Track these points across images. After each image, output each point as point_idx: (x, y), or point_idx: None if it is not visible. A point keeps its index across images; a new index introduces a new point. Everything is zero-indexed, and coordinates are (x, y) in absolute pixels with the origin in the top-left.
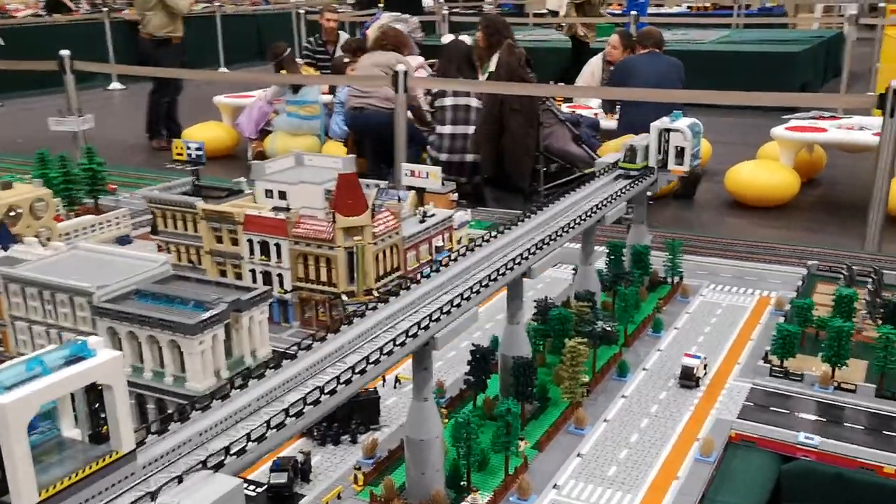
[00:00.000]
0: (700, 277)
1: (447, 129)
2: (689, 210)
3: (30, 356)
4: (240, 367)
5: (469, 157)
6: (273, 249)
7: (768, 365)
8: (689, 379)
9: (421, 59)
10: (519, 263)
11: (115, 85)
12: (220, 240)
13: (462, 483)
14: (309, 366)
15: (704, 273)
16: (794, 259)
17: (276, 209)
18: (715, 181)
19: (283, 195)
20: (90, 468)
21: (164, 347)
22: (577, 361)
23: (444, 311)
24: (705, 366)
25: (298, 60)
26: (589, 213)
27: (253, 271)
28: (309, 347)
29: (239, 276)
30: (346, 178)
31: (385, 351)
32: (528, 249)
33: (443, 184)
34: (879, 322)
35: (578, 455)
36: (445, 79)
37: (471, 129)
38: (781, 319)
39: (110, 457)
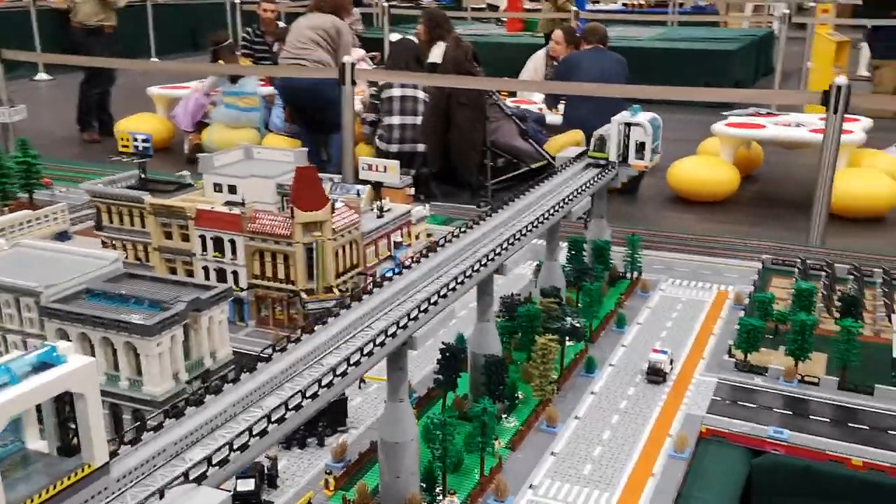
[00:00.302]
0: (657, 272)
1: (396, 120)
2: (632, 205)
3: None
4: (199, 369)
5: (420, 147)
6: (227, 246)
7: (733, 359)
8: (656, 374)
9: (362, 52)
10: (492, 259)
11: (42, 76)
12: (169, 236)
13: (437, 485)
14: (285, 368)
15: (661, 268)
16: (744, 253)
17: (229, 204)
18: (657, 176)
19: (233, 189)
20: (61, 483)
21: (119, 350)
22: (548, 359)
23: (422, 309)
24: (671, 361)
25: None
26: (557, 208)
27: (206, 268)
28: (284, 349)
29: (190, 274)
30: (304, 171)
31: (365, 352)
32: (501, 245)
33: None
34: (837, 315)
35: (552, 454)
36: (393, 71)
37: (419, 120)
38: (741, 314)
39: (82, 470)
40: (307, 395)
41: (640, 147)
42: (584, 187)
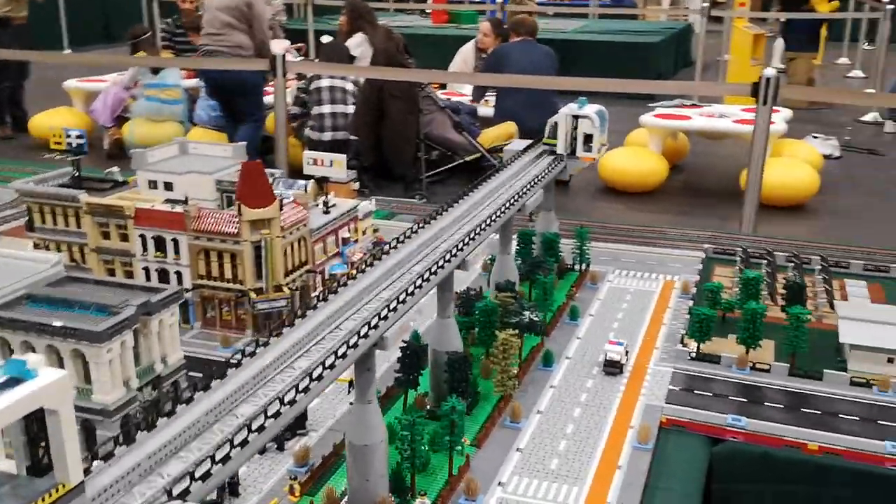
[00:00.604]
0: (604, 263)
1: (327, 109)
2: (564, 196)
3: None
4: (150, 375)
5: (352, 136)
6: (170, 245)
7: (687, 349)
8: (613, 366)
9: (287, 44)
10: (455, 255)
11: None
12: (107, 236)
13: (406, 487)
14: (256, 374)
15: (607, 259)
16: (682, 243)
17: (169, 202)
18: (587, 168)
19: (169, 186)
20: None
21: (66, 358)
22: (509, 354)
23: (392, 308)
24: (626, 352)
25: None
26: (513, 201)
27: (146, 269)
28: (253, 354)
29: (129, 275)
30: (250, 167)
31: (339, 354)
32: (463, 240)
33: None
34: (781, 303)
35: (518, 450)
36: (323, 63)
37: (350, 109)
38: (690, 303)
39: (57, 491)
40: (285, 401)
41: (588, 139)
42: (537, 179)
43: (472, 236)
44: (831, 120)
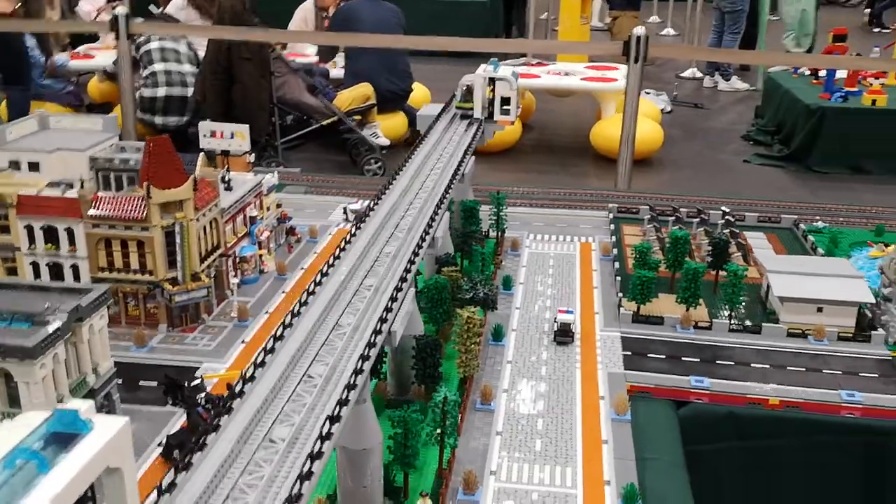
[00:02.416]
0: (516, 229)
1: (159, 66)
2: None
3: (7, 431)
4: (83, 389)
5: (189, 92)
6: (63, 235)
7: (630, 312)
8: (565, 335)
9: (103, 1)
10: (428, 233)
11: None
12: None
13: (398, 488)
14: (271, 387)
15: (517, 224)
16: (567, 203)
17: (53, 185)
18: None
19: (34, 166)
20: None
21: None
22: (473, 332)
23: (394, 298)
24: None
25: None
26: (460, 172)
27: (35, 264)
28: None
29: (13, 272)
30: (158, 143)
31: (364, 356)
32: (432, 218)
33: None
34: (699, 259)
35: (497, 433)
36: (169, 23)
37: (185, 67)
38: (615, 265)
39: None
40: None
41: (505, 102)
42: (469, 148)
43: (436, 212)
44: (656, 76)
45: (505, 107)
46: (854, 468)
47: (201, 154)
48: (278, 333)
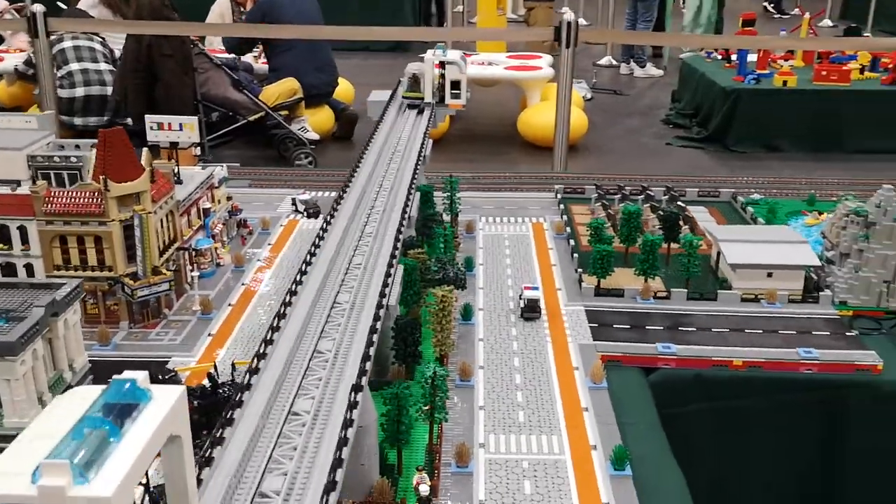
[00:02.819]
0: (466, 213)
1: (74, 66)
2: (351, 151)
3: (57, 416)
4: (61, 386)
5: (109, 90)
6: (15, 234)
7: (591, 286)
8: (532, 311)
9: (5, 3)
10: (406, 212)
11: None
12: None
13: (391, 465)
14: (284, 362)
15: (467, 207)
16: (512, 186)
17: (3, 183)
18: (367, 120)
19: None
20: None
21: None
22: (448, 311)
23: (389, 275)
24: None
25: None
26: (422, 154)
27: None
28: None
29: None
30: (112, 135)
31: (373, 329)
32: (407, 202)
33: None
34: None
35: (480, 408)
36: (87, 19)
37: (101, 66)
38: (569, 243)
39: None
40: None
41: (455, 86)
42: (425, 134)
43: (409, 197)
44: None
45: (455, 90)
46: (815, 422)
47: (145, 149)
48: (281, 311)
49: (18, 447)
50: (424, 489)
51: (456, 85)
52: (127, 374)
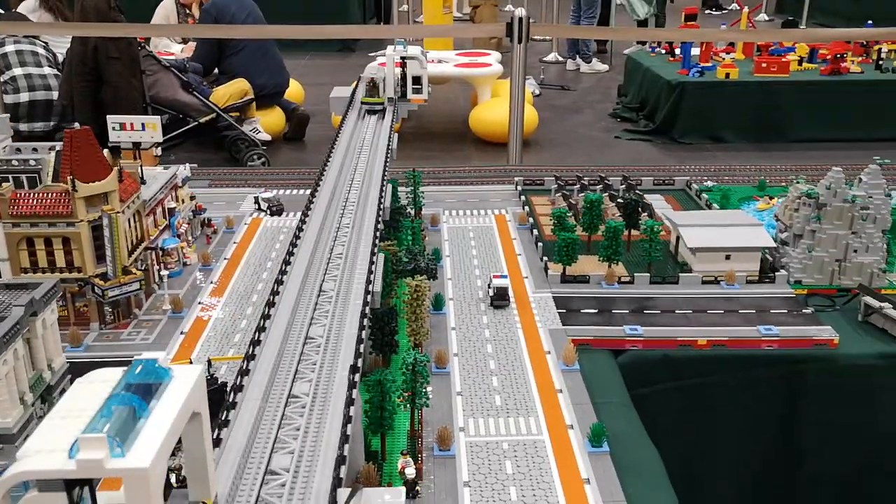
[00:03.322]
0: (429, 207)
1: (18, 71)
2: (303, 151)
3: (83, 397)
4: (41, 386)
5: (55, 95)
6: None
7: (557, 274)
8: (502, 299)
9: None
10: (382, 202)
11: None
12: None
13: (374, 451)
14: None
15: (430, 202)
16: (471, 179)
17: None
18: (319, 121)
19: None
20: None
21: None
22: (421, 300)
23: (373, 262)
24: None
25: None
26: (390, 147)
27: None
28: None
29: None
30: (78, 134)
31: (364, 313)
32: (380, 198)
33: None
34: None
35: (458, 394)
36: (29, 22)
37: (46, 70)
38: (532, 233)
39: None
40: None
41: (417, 81)
42: (391, 127)
43: (382, 195)
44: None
45: (416, 85)
46: (776, 398)
47: (105, 150)
48: (270, 300)
49: (50, 425)
50: (411, 472)
51: (417, 80)
52: (147, 354)
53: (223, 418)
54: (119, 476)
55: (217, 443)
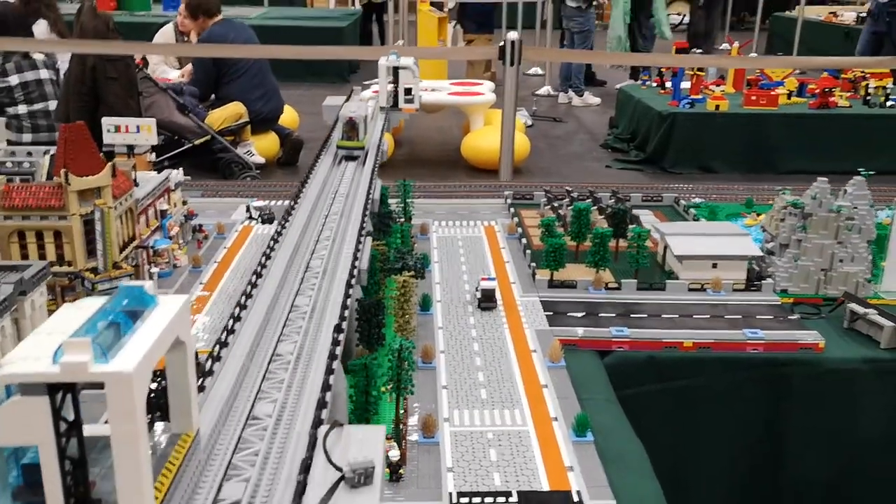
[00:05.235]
0: (420, 217)
1: (22, 109)
2: (296, 176)
3: (68, 317)
4: None
5: (52, 105)
6: None
7: (545, 279)
8: (489, 301)
9: None
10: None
11: None
12: None
13: None
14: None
15: (421, 213)
16: (464, 192)
17: None
18: (315, 148)
19: None
20: (176, 460)
21: None
22: (409, 297)
23: (360, 241)
24: None
25: None
26: (381, 149)
27: None
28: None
29: None
30: (73, 129)
31: (349, 283)
32: (366, 206)
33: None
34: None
35: (444, 387)
36: (27, 38)
37: (52, 105)
38: (521, 242)
39: (184, 441)
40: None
41: (409, 91)
42: (382, 131)
43: (370, 198)
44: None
45: (408, 96)
46: (761, 401)
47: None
48: (258, 271)
49: (35, 339)
50: (394, 454)
51: (409, 91)
52: (143, 282)
53: (208, 368)
54: (102, 380)
55: (200, 389)
